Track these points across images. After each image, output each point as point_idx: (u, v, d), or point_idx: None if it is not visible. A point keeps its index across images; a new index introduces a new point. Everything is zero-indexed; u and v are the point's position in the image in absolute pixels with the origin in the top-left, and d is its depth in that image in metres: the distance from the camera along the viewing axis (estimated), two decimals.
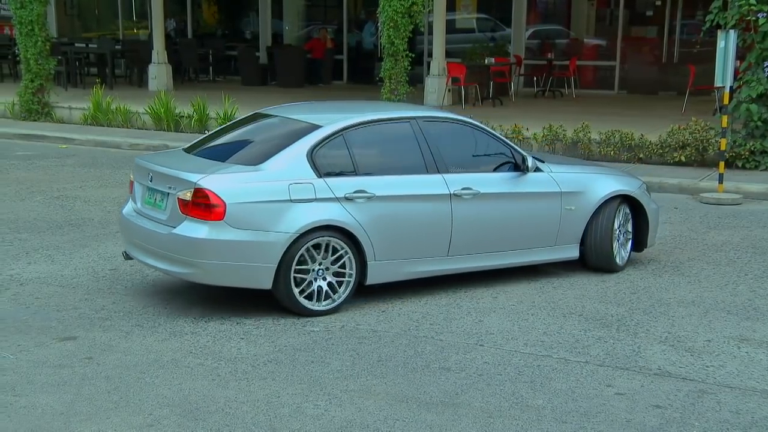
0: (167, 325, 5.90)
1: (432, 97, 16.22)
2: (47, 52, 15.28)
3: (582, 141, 12.31)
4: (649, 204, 7.42)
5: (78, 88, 18.28)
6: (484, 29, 20.90)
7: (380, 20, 13.42)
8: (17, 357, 5.30)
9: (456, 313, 6.31)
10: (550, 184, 6.93)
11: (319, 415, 4.63)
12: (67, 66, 18.44)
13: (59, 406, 4.67)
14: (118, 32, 23.66)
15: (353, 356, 5.45)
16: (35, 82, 15.23)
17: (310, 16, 23.19)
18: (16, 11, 14.92)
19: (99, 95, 15.10)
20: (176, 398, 4.80)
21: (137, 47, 19.98)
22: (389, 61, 13.32)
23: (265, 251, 5.85)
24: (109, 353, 5.41)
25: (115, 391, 4.87)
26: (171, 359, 5.34)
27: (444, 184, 6.46)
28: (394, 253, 6.30)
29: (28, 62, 15.12)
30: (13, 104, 15.61)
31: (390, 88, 13.43)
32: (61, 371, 5.12)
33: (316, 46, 20.63)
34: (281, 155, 6.08)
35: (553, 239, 6.97)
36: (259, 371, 5.19)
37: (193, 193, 5.79)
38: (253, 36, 22.47)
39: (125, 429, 4.42)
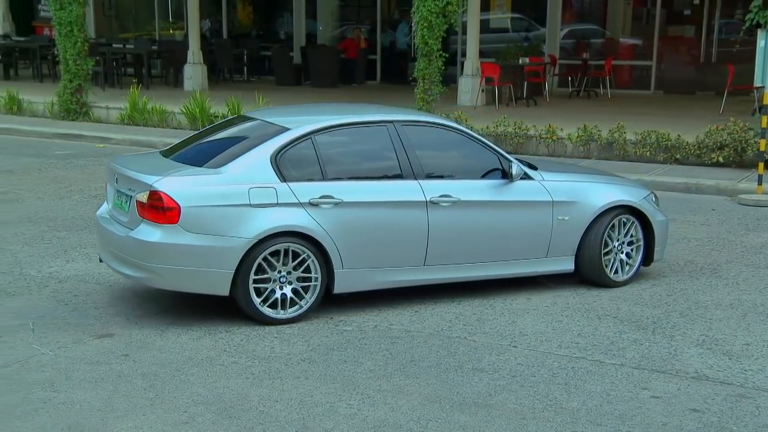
0: (201, 324, 5.94)
1: (465, 97, 16.17)
2: (85, 52, 15.48)
3: (617, 141, 12.19)
4: (655, 215, 6.95)
5: (115, 88, 18.50)
6: (519, 29, 20.79)
7: (414, 20, 13.39)
8: (56, 353, 5.38)
9: (489, 314, 6.28)
10: (540, 193, 6.55)
11: (352, 415, 4.64)
12: (104, 66, 18.67)
13: (97, 402, 4.73)
14: (154, 33, 23.90)
15: (386, 356, 5.46)
16: (74, 83, 15.43)
17: (343, 16, 23.24)
18: (56, 12, 15.14)
19: (135, 95, 15.26)
20: (211, 396, 4.84)
21: (173, 47, 20.17)
22: (423, 61, 13.30)
23: (222, 257, 5.67)
24: (145, 351, 5.47)
25: (151, 388, 4.93)
26: (206, 357, 5.39)
27: (420, 190, 6.17)
28: (364, 261, 6.06)
29: (67, 63, 15.33)
30: (53, 104, 15.84)
31: (423, 88, 13.41)
32: (98, 368, 5.18)
33: (349, 46, 20.67)
34: (243, 158, 5.90)
35: (543, 251, 6.59)
36: (293, 370, 5.21)
37: (149, 196, 5.65)
38: (287, 36, 22.57)
39: (161, 426, 4.47)
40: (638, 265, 6.94)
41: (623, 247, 6.88)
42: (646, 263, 7.05)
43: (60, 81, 15.97)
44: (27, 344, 5.51)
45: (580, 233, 6.68)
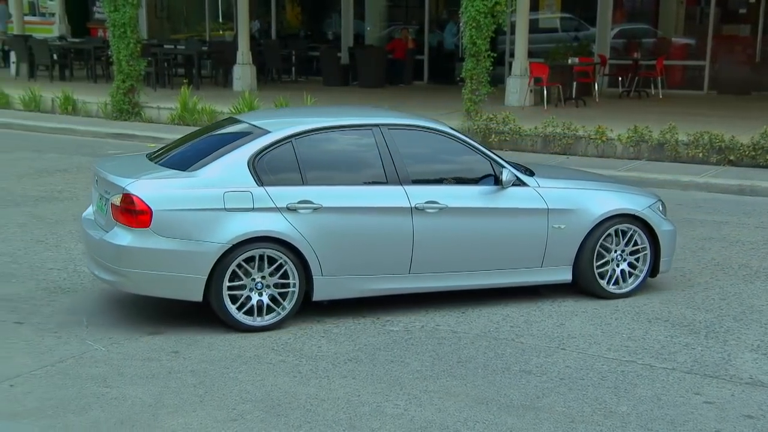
0: None
1: (513, 98, 16.07)
2: (138, 53, 15.72)
3: (669, 142, 12.00)
4: (661, 225, 6.62)
5: (166, 88, 18.77)
6: (568, 29, 20.59)
7: (462, 20, 13.35)
8: (108, 350, 5.48)
9: (537, 315, 6.23)
10: (534, 200, 6.30)
11: (398, 415, 4.64)
12: (156, 67, 18.94)
13: (148, 398, 4.80)
14: (204, 34, 24.20)
15: (433, 357, 5.45)
16: (126, 83, 15.69)
17: (391, 17, 23.26)
18: (110, 14, 15.40)
19: (186, 95, 15.46)
20: (259, 394, 4.88)
21: (223, 48, 20.38)
22: (471, 62, 13.24)
23: (194, 262, 5.56)
24: (195, 348, 5.53)
25: (201, 385, 4.98)
26: (254, 355, 5.43)
27: (405, 196, 5.99)
28: (345, 268, 5.91)
29: (120, 63, 15.59)
30: (106, 104, 16.13)
31: (471, 88, 13.36)
32: (149, 364, 5.26)
33: (397, 46, 20.68)
34: (219, 161, 5.79)
35: (538, 260, 6.35)
36: (340, 369, 5.23)
37: (122, 199, 5.58)
38: (335, 37, 22.67)
39: (210, 423, 4.52)
40: (644, 276, 6.61)
41: (625, 257, 6.55)
42: (652, 274, 6.69)
43: (113, 81, 16.24)
44: (81, 340, 5.62)
45: (577, 242, 6.41)
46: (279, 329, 5.84)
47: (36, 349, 5.41)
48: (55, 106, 16.61)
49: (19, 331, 5.72)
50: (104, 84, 18.51)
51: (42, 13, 25.07)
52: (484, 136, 13.24)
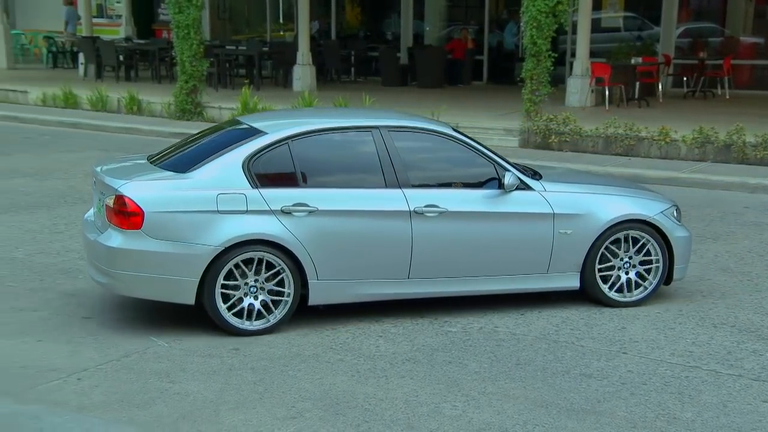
0: (308, 320, 6.02)
1: (574, 98, 15.88)
2: (201, 54, 15.96)
3: (736, 144, 11.72)
4: (675, 231, 6.39)
5: (227, 88, 19.02)
6: (631, 28, 20.25)
7: (523, 20, 13.24)
8: (171, 346, 5.58)
9: (597, 318, 6.14)
10: (539, 205, 6.13)
11: (457, 416, 4.63)
12: (218, 67, 19.21)
13: (209, 393, 4.87)
14: (265, 34, 24.47)
15: (491, 358, 5.41)
16: (189, 83, 15.94)
17: (451, 17, 23.19)
18: (175, 16, 15.68)
19: (247, 96, 15.64)
20: (318, 392, 4.91)
21: (283, 49, 20.57)
22: (531, 62, 13.13)
23: (187, 264, 5.50)
24: (254, 345, 5.59)
25: (260, 382, 5.04)
26: (312, 354, 5.47)
27: (404, 199, 5.87)
28: (341, 272, 5.81)
29: (184, 64, 15.86)
30: (169, 104, 16.42)
31: (531, 88, 13.24)
32: (210, 361, 5.34)
33: (456, 46, 20.62)
34: (213, 163, 5.72)
35: (543, 266, 6.16)
36: (398, 369, 5.23)
37: (114, 200, 5.54)
38: (395, 37, 22.69)
39: (270, 420, 4.57)
40: (655, 285, 6.38)
41: (634, 263, 6.33)
42: (666, 282, 6.46)
43: (176, 82, 16.53)
44: (145, 335, 5.72)
45: (585, 248, 6.21)
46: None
47: (102, 344, 5.54)
48: (121, 106, 16.98)
49: (87, 326, 5.86)
50: (168, 84, 18.85)
51: (109, 15, 25.63)
52: (544, 136, 13.12)
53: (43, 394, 4.78)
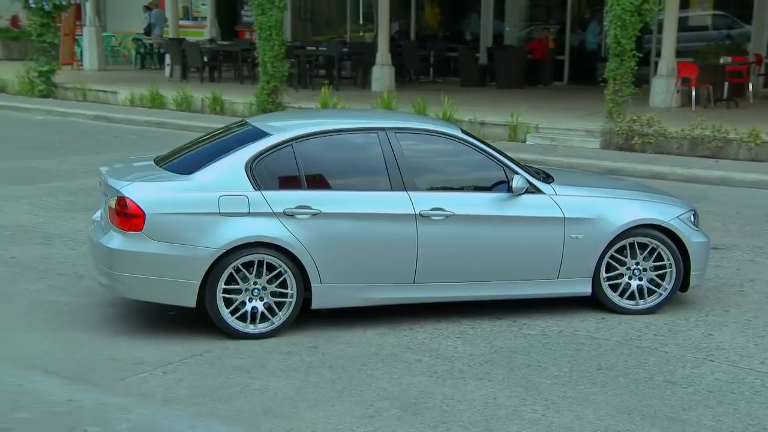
0: (386, 320, 6.04)
1: (659, 98, 15.51)
2: (282, 55, 16.20)
3: None
4: (691, 236, 6.20)
5: (307, 89, 19.23)
6: (720, 26, 19.66)
7: (607, 19, 13.01)
8: (252, 342, 5.64)
9: (682, 324, 5.99)
10: (550, 208, 5.98)
11: (536, 420, 4.58)
12: (298, 68, 19.46)
13: (288, 390, 4.94)
14: (345, 35, 24.66)
15: (571, 362, 5.34)
16: (271, 84, 16.19)
17: (532, 17, 22.94)
18: (258, 17, 15.96)
19: (326, 96, 15.79)
20: (395, 391, 4.92)
21: (363, 50, 20.69)
22: (614, 62, 12.89)
23: (188, 267, 5.45)
24: (333, 344, 5.64)
25: (339, 380, 5.08)
26: (390, 353, 5.49)
27: (409, 202, 5.76)
28: (345, 276, 5.72)
29: (266, 65, 16.11)
30: (251, 104, 16.70)
31: (614, 89, 13.00)
32: (290, 358, 5.41)
33: (537, 46, 20.39)
34: (215, 165, 5.67)
35: (554, 271, 6.02)
36: (476, 371, 5.21)
37: (116, 202, 5.51)
38: (474, 37, 22.58)
39: (348, 418, 4.60)
40: (669, 292, 6.18)
41: (645, 268, 6.15)
42: (682, 289, 6.26)
43: (258, 82, 16.81)
44: None
45: (597, 253, 6.05)
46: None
47: (186, 339, 5.66)
48: (205, 106, 17.36)
49: (172, 322, 6.01)
50: (250, 85, 19.17)
51: (195, 17, 26.24)
52: (627, 138, 12.86)
53: (131, 386, 4.93)
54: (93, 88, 19.06)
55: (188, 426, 4.33)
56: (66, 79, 19.87)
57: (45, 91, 19.08)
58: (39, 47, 18.99)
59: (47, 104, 18.19)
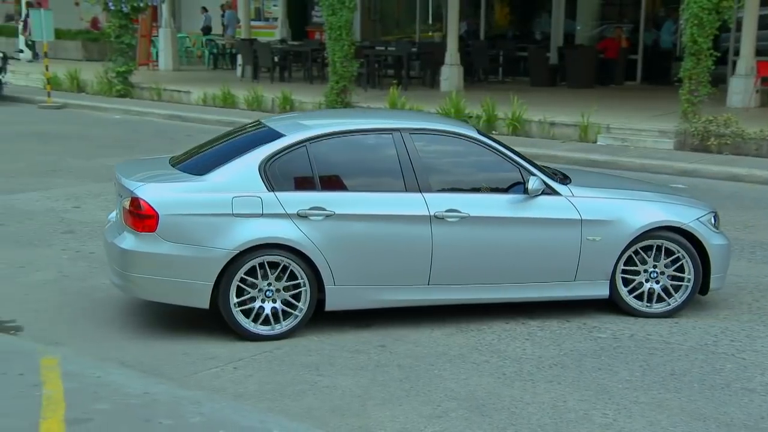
0: (453, 321, 6.02)
1: (736, 99, 15.10)
2: (351, 55, 16.30)
3: None
4: (711, 239, 6.10)
5: (376, 89, 19.30)
6: None
7: (683, 17, 12.71)
8: (321, 340, 5.71)
9: (761, 330, 5.82)
10: (566, 210, 5.90)
11: (607, 425, 4.50)
12: (367, 68, 19.54)
13: (356, 388, 4.97)
14: (414, 35, 24.66)
15: (643, 367, 5.24)
16: (340, 84, 16.31)
17: (604, 16, 22.56)
18: (328, 17, 16.10)
19: (395, 96, 15.82)
20: (463, 392, 4.91)
21: (432, 49, 20.66)
22: (690, 61, 12.59)
23: (201, 268, 5.43)
24: (401, 343, 5.65)
25: (406, 379, 5.09)
26: (458, 354, 5.47)
27: (424, 204, 5.70)
28: (359, 278, 5.67)
29: (335, 65, 16.24)
30: (320, 104, 16.84)
31: (689, 89, 12.70)
32: (357, 356, 5.44)
33: (609, 45, 20.05)
34: (229, 166, 5.64)
35: (570, 274, 5.94)
36: (544, 373, 5.16)
37: (130, 202, 5.49)
38: (544, 36, 22.33)
39: (416, 417, 4.60)
40: (686, 296, 6.07)
41: (662, 271, 6.03)
42: (702, 292, 6.14)
43: (327, 82, 16.94)
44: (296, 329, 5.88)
45: (615, 256, 5.96)
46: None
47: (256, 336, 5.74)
48: (275, 106, 17.57)
49: None
50: (319, 85, 19.34)
51: (266, 18, 26.61)
52: (702, 138, 12.55)
53: (203, 380, 5.03)
54: (167, 88, 19.49)
55: (258, 421, 4.39)
56: (142, 79, 20.37)
57: (122, 91, 19.59)
58: (117, 48, 19.51)
59: (124, 104, 18.67)
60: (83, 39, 26.69)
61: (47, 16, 18.50)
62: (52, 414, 4.28)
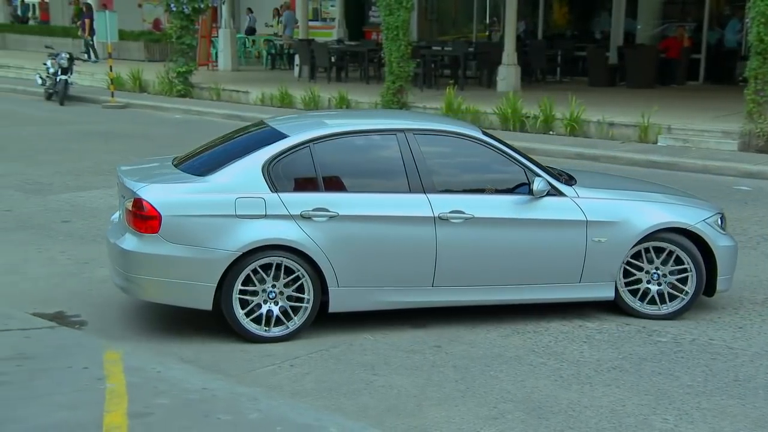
0: (510, 322, 5.99)
1: None
2: (408, 55, 16.30)
3: None
4: (718, 240, 6.03)
5: (432, 89, 19.26)
6: None
7: (749, 16, 12.41)
8: (376, 339, 5.73)
9: None
10: (571, 211, 5.85)
11: (668, 430, 4.43)
12: (423, 68, 19.52)
13: (412, 388, 4.96)
14: (471, 35, 24.55)
15: (705, 372, 5.13)
16: (396, 84, 16.32)
17: (666, 14, 22.14)
18: (385, 18, 16.13)
19: (451, 96, 15.77)
20: (519, 394, 4.87)
21: (489, 49, 20.55)
22: (756, 60, 12.28)
23: (204, 269, 5.40)
24: (456, 344, 5.63)
25: (462, 380, 5.07)
26: (514, 356, 5.43)
27: (428, 205, 5.66)
28: (363, 279, 5.63)
29: (392, 65, 16.26)
30: (376, 104, 16.88)
31: (755, 88, 12.38)
32: (413, 356, 5.44)
33: (671, 44, 19.67)
34: (231, 167, 5.61)
35: (576, 275, 5.89)
36: (603, 377, 5.09)
37: (133, 203, 5.46)
38: (604, 36, 22.01)
39: (472, 418, 4.59)
40: (690, 297, 6.00)
41: (664, 273, 5.99)
42: (708, 293, 6.09)
43: (384, 82, 16.97)
44: (351, 328, 5.89)
45: (620, 257, 5.92)
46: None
47: (312, 334, 5.76)
48: (331, 105, 17.67)
49: None
50: (375, 85, 19.38)
51: (323, 18, 26.79)
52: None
53: (260, 377, 5.08)
54: (226, 88, 19.75)
55: (314, 419, 4.42)
56: (201, 80, 20.68)
57: (182, 91, 19.91)
58: (178, 49, 19.83)
59: (184, 103, 18.98)
60: (145, 40, 27.20)
61: (112, 17, 18.90)
62: (116, 407, 4.36)
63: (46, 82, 19.31)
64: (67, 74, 18.88)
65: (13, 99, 19.64)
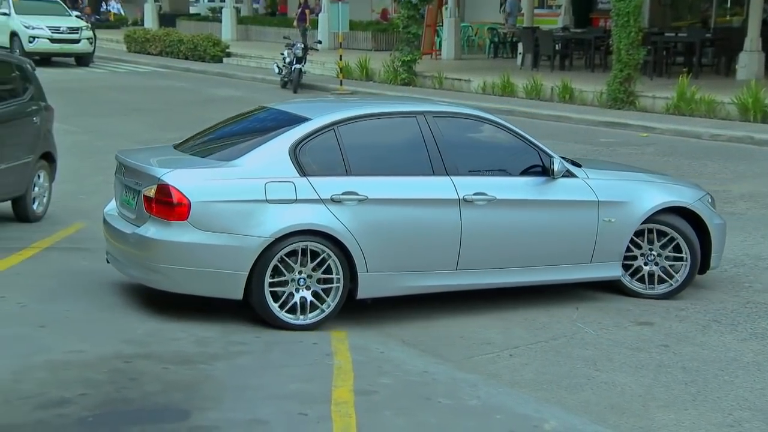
0: (747, 325, 5.65)
1: None
2: (638, 42, 15.63)
3: None
4: (712, 219, 6.28)
5: (662, 77, 18.36)
6: None
7: None
8: (598, 334, 5.57)
9: None
10: (585, 192, 5.95)
11: None
12: (654, 55, 18.65)
13: (637, 387, 4.77)
14: (710, 20, 23.10)
15: None
16: (624, 72, 15.70)
17: None
18: (616, 3, 15.55)
19: (684, 85, 14.97)
20: (758, 403, 4.55)
21: (729, 35, 19.26)
22: None
23: (235, 257, 5.17)
24: (685, 344, 5.36)
25: (692, 383, 4.81)
26: (752, 361, 5.10)
27: (452, 187, 5.59)
28: (391, 264, 5.49)
29: (620, 52, 15.65)
30: (601, 93, 16.36)
31: None
32: (638, 354, 5.23)
33: None
34: (259, 150, 5.41)
35: (587, 255, 5.97)
36: None
37: (157, 190, 5.18)
38: None
39: (703, 424, 4.34)
40: (685, 278, 6.17)
41: (661, 252, 6.15)
42: (701, 271, 6.27)
43: (610, 71, 16.40)
44: (571, 321, 5.78)
45: (627, 236, 6.07)
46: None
47: (531, 324, 5.72)
48: (554, 95, 17.34)
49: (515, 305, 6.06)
50: (600, 73, 18.78)
51: (550, 5, 26.30)
52: None
53: (478, 364, 5.09)
54: (449, 77, 19.93)
55: (534, 410, 4.37)
56: (425, 68, 21.00)
57: (406, 80, 20.33)
58: (404, 38, 20.27)
59: (407, 92, 19.35)
60: (373, 30, 28.02)
61: (344, 9, 19.67)
62: (343, 383, 4.55)
63: (282, 71, 20.42)
64: (301, 63, 19.87)
65: (252, 86, 20.95)
